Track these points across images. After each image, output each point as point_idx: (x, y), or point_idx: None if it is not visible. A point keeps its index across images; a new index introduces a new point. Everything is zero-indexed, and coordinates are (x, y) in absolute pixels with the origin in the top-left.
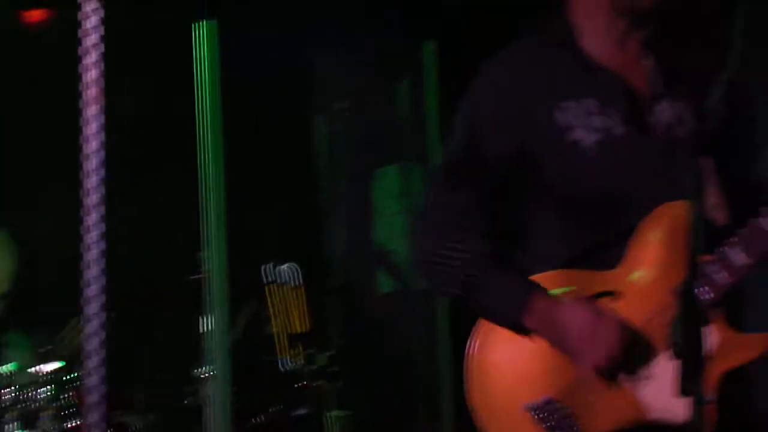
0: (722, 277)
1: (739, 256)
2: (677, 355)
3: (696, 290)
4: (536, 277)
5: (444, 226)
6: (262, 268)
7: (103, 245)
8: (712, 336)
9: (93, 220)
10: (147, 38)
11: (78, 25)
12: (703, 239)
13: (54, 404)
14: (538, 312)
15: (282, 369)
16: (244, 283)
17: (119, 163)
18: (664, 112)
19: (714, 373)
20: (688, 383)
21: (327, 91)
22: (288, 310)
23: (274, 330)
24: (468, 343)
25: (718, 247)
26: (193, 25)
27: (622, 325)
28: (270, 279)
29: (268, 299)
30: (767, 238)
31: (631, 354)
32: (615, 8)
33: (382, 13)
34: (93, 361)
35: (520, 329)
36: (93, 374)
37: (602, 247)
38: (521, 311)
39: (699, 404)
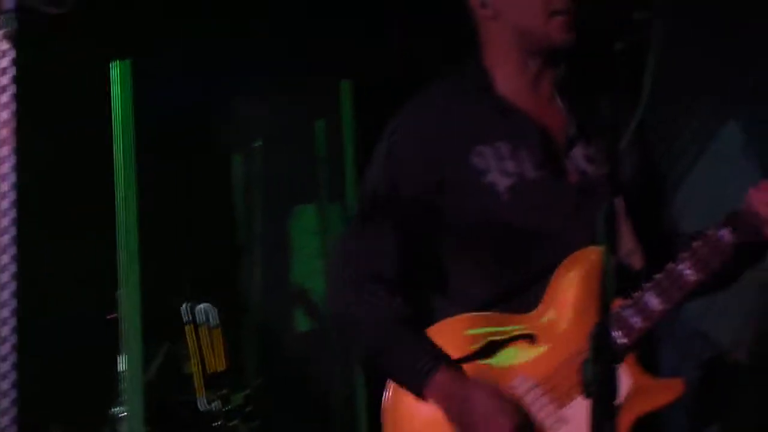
0: (637, 321)
1: (654, 302)
2: (590, 397)
3: (610, 334)
4: (453, 320)
5: (358, 278)
6: (180, 307)
7: (14, 286)
8: (626, 380)
9: (5, 260)
10: (61, 78)
11: None
12: (618, 284)
13: None
14: (439, 386)
15: (199, 409)
16: (159, 322)
17: (34, 202)
18: (577, 154)
19: (627, 417)
20: (601, 426)
21: (244, 130)
22: (205, 349)
23: (191, 370)
24: (384, 392)
25: (633, 291)
26: (110, 65)
27: (521, 411)
28: (187, 318)
29: (185, 339)
30: (682, 284)
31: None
32: (526, 48)
33: (299, 51)
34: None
35: (420, 396)
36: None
37: (518, 289)
38: (422, 383)
39: None
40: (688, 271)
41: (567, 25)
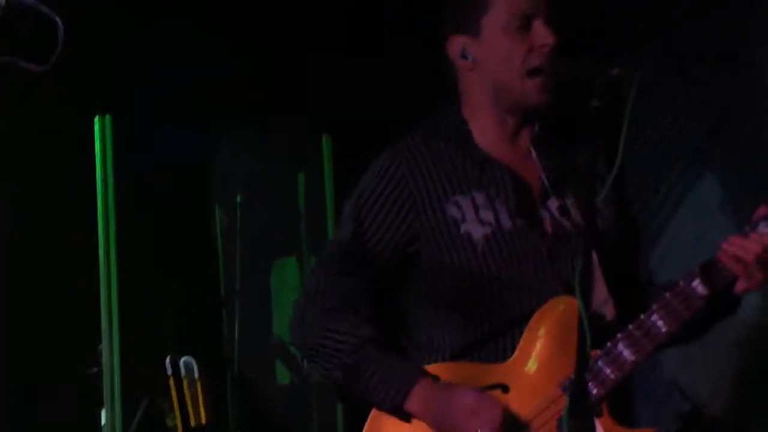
0: (610, 373)
1: (626, 353)
2: None
3: (584, 385)
4: (427, 369)
5: (330, 309)
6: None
7: None
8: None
9: None
10: (43, 133)
11: None
12: (592, 334)
13: None
14: (420, 396)
15: None
16: (141, 375)
17: (16, 256)
18: (552, 206)
19: None
20: None
21: (226, 183)
22: (187, 402)
23: (173, 423)
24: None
25: (606, 342)
26: (96, 119)
27: (506, 408)
28: (168, 372)
29: (167, 392)
30: (654, 335)
31: None
32: (503, 102)
33: (281, 106)
34: None
35: (401, 414)
36: None
37: (490, 338)
38: (402, 396)
39: None
40: (659, 323)
41: (544, 86)
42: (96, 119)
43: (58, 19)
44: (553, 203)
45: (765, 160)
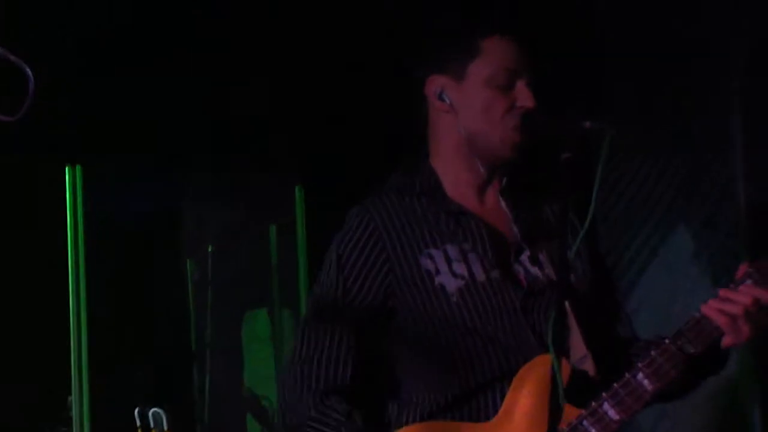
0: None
1: (611, 412)
2: None
3: None
4: (407, 429)
5: (315, 386)
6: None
7: None
8: None
9: None
10: (13, 183)
11: None
12: (575, 392)
13: None
14: None
15: None
16: (111, 427)
17: None
18: (525, 258)
19: None
20: None
21: (197, 234)
22: None
23: None
24: None
25: (590, 401)
26: (66, 168)
27: None
28: (137, 423)
29: None
30: (640, 394)
31: None
32: (474, 150)
33: (252, 157)
34: None
35: None
36: None
37: (469, 394)
38: None
39: None
40: (645, 381)
41: (519, 143)
42: (66, 169)
43: (28, 70)
44: (526, 255)
45: (736, 213)
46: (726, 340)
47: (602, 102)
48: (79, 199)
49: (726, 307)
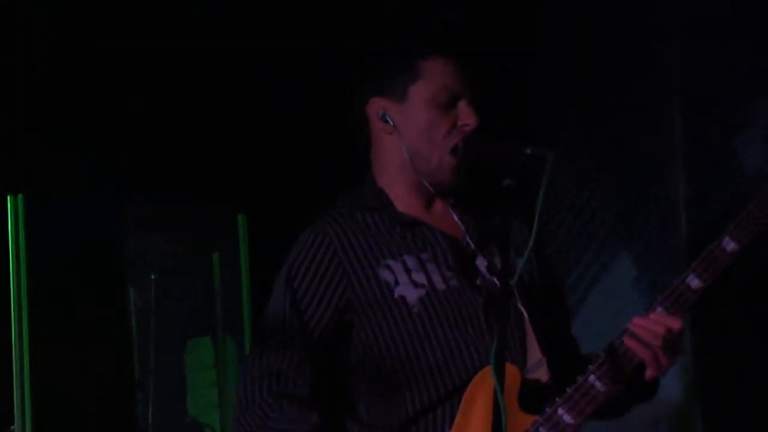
0: None
1: (566, 417)
2: None
3: None
4: None
5: (271, 397)
6: None
7: None
8: None
9: None
10: None
11: None
12: (530, 399)
13: None
14: None
15: None
16: None
17: None
18: (481, 266)
19: None
20: None
21: (140, 261)
22: None
23: None
24: None
25: (544, 407)
26: (8, 198)
27: None
28: None
29: None
30: (593, 396)
31: None
32: (417, 170)
33: (194, 185)
34: None
35: None
36: None
37: (430, 408)
38: None
39: None
40: (597, 383)
41: (458, 166)
42: (8, 198)
43: None
44: (482, 262)
45: (677, 238)
46: (648, 373)
47: (543, 127)
48: (21, 229)
49: (644, 336)
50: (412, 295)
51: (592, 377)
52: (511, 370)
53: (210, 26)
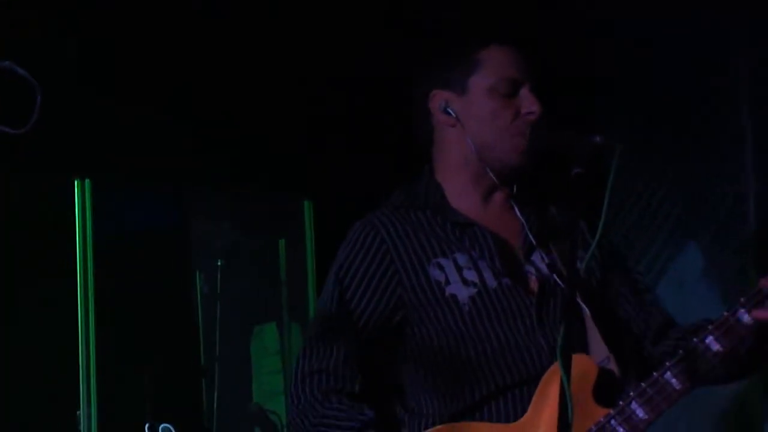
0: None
1: (640, 411)
2: None
3: None
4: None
5: (326, 392)
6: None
7: None
8: None
9: None
10: (22, 197)
11: None
12: (603, 391)
13: None
14: None
15: None
16: None
17: None
18: (537, 260)
19: None
20: None
21: (206, 248)
22: None
23: None
24: None
25: (617, 400)
26: (75, 183)
27: None
28: None
29: None
30: (668, 394)
31: None
32: (481, 161)
33: (260, 172)
34: None
35: None
36: None
37: (481, 403)
38: None
39: None
40: (673, 380)
41: (526, 150)
42: (76, 183)
43: (36, 83)
44: (537, 257)
45: (745, 229)
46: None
47: (608, 118)
48: (89, 213)
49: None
50: (463, 294)
51: (668, 374)
52: (587, 362)
53: (283, 17)
